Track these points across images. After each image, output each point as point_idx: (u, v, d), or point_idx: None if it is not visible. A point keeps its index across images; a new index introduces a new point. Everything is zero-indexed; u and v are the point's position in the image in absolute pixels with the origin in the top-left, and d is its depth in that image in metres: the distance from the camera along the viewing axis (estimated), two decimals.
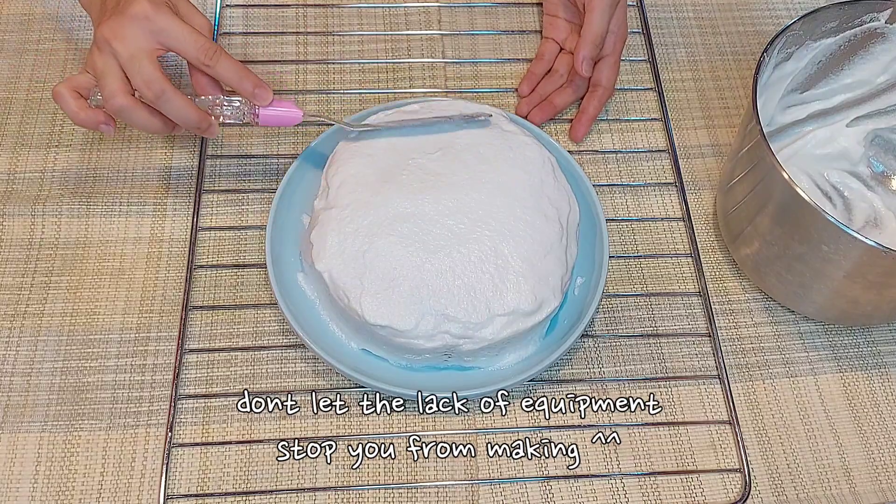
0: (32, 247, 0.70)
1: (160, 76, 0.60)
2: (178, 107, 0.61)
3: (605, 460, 0.64)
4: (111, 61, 0.60)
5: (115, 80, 0.60)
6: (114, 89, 0.60)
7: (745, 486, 0.63)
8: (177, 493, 0.61)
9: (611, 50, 0.76)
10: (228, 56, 0.62)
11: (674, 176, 0.77)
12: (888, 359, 0.69)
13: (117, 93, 0.60)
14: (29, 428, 0.62)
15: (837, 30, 0.69)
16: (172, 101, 0.60)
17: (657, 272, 0.72)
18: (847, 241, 0.58)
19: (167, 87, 0.60)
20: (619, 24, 0.76)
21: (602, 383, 0.67)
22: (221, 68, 0.62)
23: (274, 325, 0.68)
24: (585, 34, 0.73)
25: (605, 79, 0.77)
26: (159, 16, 0.60)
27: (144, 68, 0.59)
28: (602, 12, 0.73)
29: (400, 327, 0.60)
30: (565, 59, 0.79)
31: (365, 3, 0.85)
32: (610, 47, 0.76)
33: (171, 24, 0.60)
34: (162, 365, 0.65)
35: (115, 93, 0.60)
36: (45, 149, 0.74)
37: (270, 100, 0.64)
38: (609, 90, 0.77)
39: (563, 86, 0.78)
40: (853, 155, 0.74)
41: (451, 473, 0.63)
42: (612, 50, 0.77)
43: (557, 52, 0.80)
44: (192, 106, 0.62)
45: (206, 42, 0.61)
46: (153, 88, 0.60)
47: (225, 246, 0.71)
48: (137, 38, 0.59)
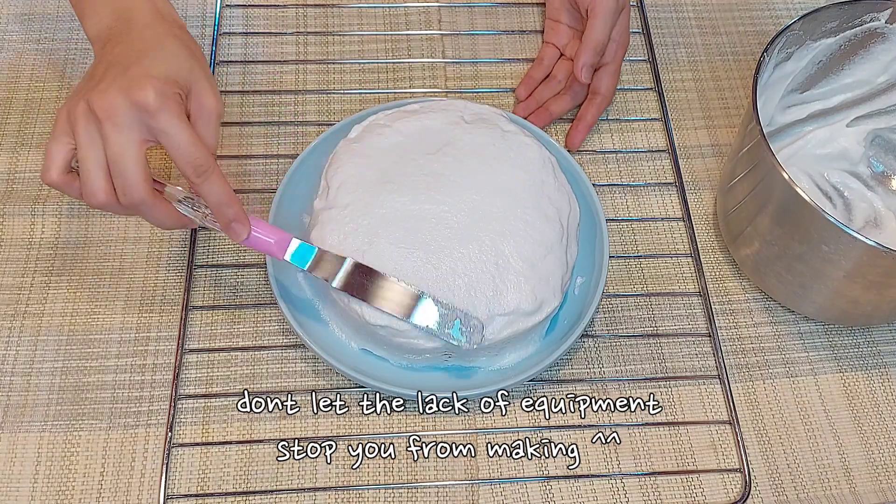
0: (32, 247, 0.70)
1: (143, 185, 0.53)
2: (155, 217, 0.56)
3: (605, 460, 0.64)
4: (96, 145, 0.53)
5: (98, 175, 0.53)
6: (95, 187, 0.53)
7: (745, 486, 0.63)
8: (177, 493, 0.61)
9: (611, 58, 0.76)
10: (219, 178, 0.56)
11: (674, 176, 0.77)
12: (888, 359, 0.69)
13: (98, 191, 0.54)
14: (29, 428, 0.62)
15: (837, 30, 0.69)
16: (151, 212, 0.55)
17: (657, 272, 0.72)
18: (847, 241, 0.58)
19: (147, 197, 0.54)
20: (621, 33, 0.76)
21: (602, 383, 0.67)
22: (206, 190, 0.56)
23: (274, 325, 0.68)
24: (587, 40, 0.73)
25: (605, 87, 0.76)
26: (163, 113, 0.53)
27: (129, 171, 0.53)
28: (605, 19, 0.72)
29: (400, 327, 0.60)
30: (565, 65, 0.79)
31: (365, 3, 0.85)
32: (611, 55, 0.76)
33: (173, 126, 0.53)
34: (162, 365, 0.65)
35: (95, 191, 0.54)
36: (45, 149, 0.74)
37: (245, 237, 0.59)
38: (608, 98, 0.77)
39: (561, 92, 0.78)
40: (853, 155, 0.74)
41: (451, 473, 0.63)
42: (613, 58, 0.76)
43: (557, 58, 0.80)
44: (173, 217, 0.57)
45: (200, 158, 0.55)
46: (132, 197, 0.54)
47: (225, 246, 0.71)
48: (132, 130, 0.53)
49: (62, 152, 0.54)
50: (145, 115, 0.53)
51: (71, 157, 0.55)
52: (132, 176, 0.53)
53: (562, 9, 0.79)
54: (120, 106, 0.52)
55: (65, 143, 0.54)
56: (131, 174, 0.53)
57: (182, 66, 0.56)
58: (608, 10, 0.72)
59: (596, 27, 0.72)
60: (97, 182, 0.53)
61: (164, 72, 0.54)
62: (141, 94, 0.52)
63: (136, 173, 0.53)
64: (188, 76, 0.56)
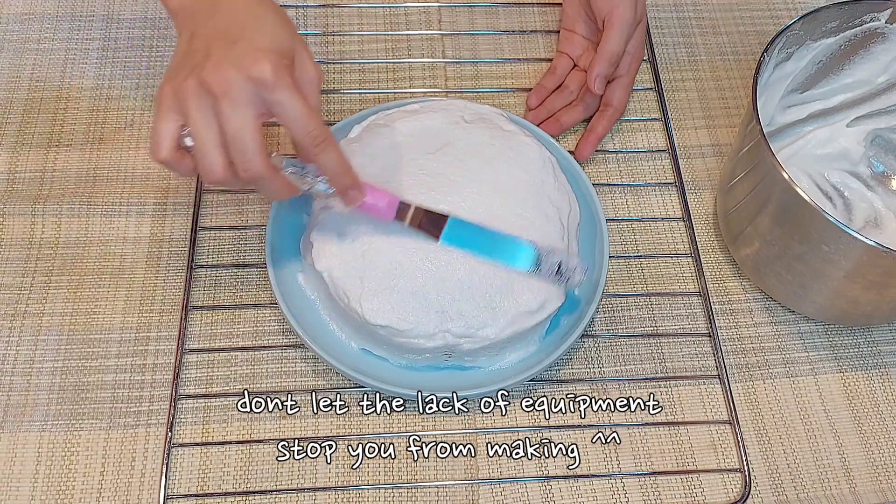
0: (32, 247, 0.70)
1: (262, 159, 0.53)
2: (272, 190, 0.56)
3: (605, 460, 0.64)
4: (212, 122, 0.52)
5: (216, 151, 0.53)
6: (214, 164, 0.53)
7: (745, 486, 0.63)
8: (177, 493, 0.61)
9: (625, 71, 0.75)
10: (335, 147, 0.56)
11: (674, 176, 0.77)
12: (888, 359, 0.69)
13: (217, 167, 0.53)
14: (29, 428, 0.63)
15: (837, 30, 0.69)
16: (269, 184, 0.55)
17: (657, 272, 0.72)
18: (847, 241, 0.58)
19: (266, 171, 0.54)
20: (636, 46, 0.75)
21: (602, 383, 0.67)
22: (323, 159, 0.56)
23: (274, 325, 0.68)
24: (602, 51, 0.72)
25: (617, 99, 0.76)
26: (280, 86, 0.52)
27: (248, 147, 0.53)
28: (621, 31, 0.72)
29: (400, 327, 0.60)
30: (578, 76, 0.78)
31: (365, 3, 0.85)
32: (625, 68, 0.75)
33: (290, 99, 0.53)
34: (162, 365, 0.65)
35: (214, 168, 0.53)
36: (45, 149, 0.74)
37: (359, 202, 0.59)
38: (619, 111, 0.76)
39: (573, 103, 0.77)
40: (853, 155, 0.74)
41: (451, 473, 0.63)
42: (627, 71, 0.75)
43: (570, 68, 0.79)
44: (287, 188, 0.57)
45: (317, 128, 0.54)
46: (252, 171, 0.53)
47: (225, 246, 0.71)
48: (249, 105, 0.52)
49: (171, 129, 0.53)
50: (262, 89, 0.52)
51: (179, 134, 0.54)
52: (251, 151, 0.53)
53: (578, 19, 0.78)
54: (236, 81, 0.51)
55: (173, 120, 0.53)
56: (250, 149, 0.53)
57: (285, 37, 0.55)
58: (625, 22, 0.72)
59: (612, 38, 0.72)
60: (215, 158, 0.53)
61: (272, 44, 0.53)
62: (257, 69, 0.51)
63: (255, 148, 0.53)
64: (291, 46, 0.55)
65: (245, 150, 0.53)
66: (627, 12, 0.72)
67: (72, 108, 0.76)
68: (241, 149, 0.53)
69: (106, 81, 0.78)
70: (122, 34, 0.81)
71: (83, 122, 0.76)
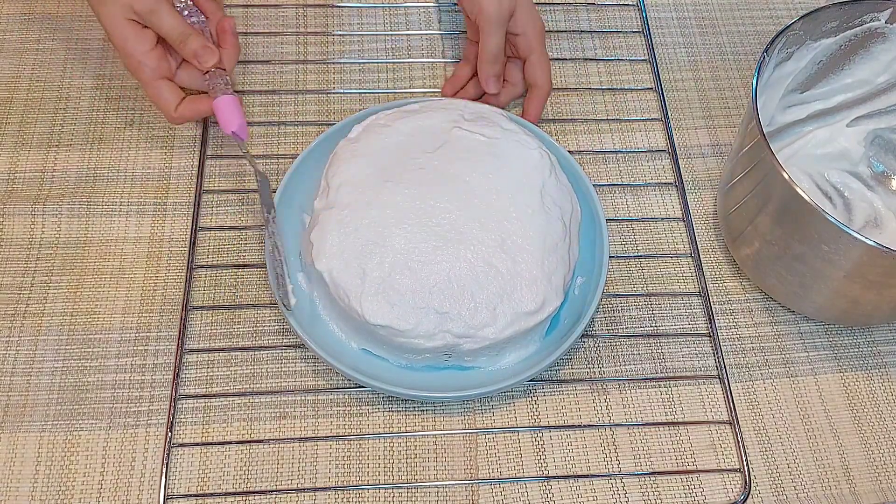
0: (32, 246, 0.70)
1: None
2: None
3: (605, 460, 0.64)
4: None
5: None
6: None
7: (745, 486, 0.63)
8: (177, 493, 0.61)
9: (531, 49, 0.74)
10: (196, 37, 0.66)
11: (674, 176, 0.77)
12: (888, 359, 0.69)
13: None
14: (29, 428, 0.62)
15: (837, 30, 0.69)
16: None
17: (657, 272, 0.72)
18: (847, 242, 0.58)
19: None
20: (528, 22, 0.73)
21: (602, 383, 0.67)
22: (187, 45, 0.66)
23: (274, 325, 0.68)
24: (481, 53, 0.72)
25: (539, 78, 0.75)
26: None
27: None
28: (489, 33, 0.71)
29: (400, 327, 0.60)
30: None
31: (365, 3, 0.85)
32: (528, 48, 0.74)
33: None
34: (162, 365, 0.65)
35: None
36: (45, 149, 0.74)
37: (211, 63, 0.67)
38: (546, 87, 0.75)
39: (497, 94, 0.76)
40: (853, 155, 0.74)
41: (451, 473, 0.63)
42: (532, 48, 0.74)
43: (471, 76, 0.78)
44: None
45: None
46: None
47: (225, 246, 0.71)
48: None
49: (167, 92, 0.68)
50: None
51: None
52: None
53: (470, 26, 0.77)
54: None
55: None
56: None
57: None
58: (492, 23, 0.70)
59: (484, 38, 0.71)
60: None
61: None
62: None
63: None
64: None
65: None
66: (491, 7, 0.70)
67: (72, 108, 0.76)
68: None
69: (106, 81, 0.78)
70: None
71: (83, 122, 0.76)
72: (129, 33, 0.65)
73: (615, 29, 0.85)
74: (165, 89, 0.67)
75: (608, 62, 0.83)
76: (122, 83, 0.78)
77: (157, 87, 0.67)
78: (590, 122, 0.79)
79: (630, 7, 0.86)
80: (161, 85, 0.67)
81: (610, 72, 0.82)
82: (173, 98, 0.67)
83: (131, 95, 0.77)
